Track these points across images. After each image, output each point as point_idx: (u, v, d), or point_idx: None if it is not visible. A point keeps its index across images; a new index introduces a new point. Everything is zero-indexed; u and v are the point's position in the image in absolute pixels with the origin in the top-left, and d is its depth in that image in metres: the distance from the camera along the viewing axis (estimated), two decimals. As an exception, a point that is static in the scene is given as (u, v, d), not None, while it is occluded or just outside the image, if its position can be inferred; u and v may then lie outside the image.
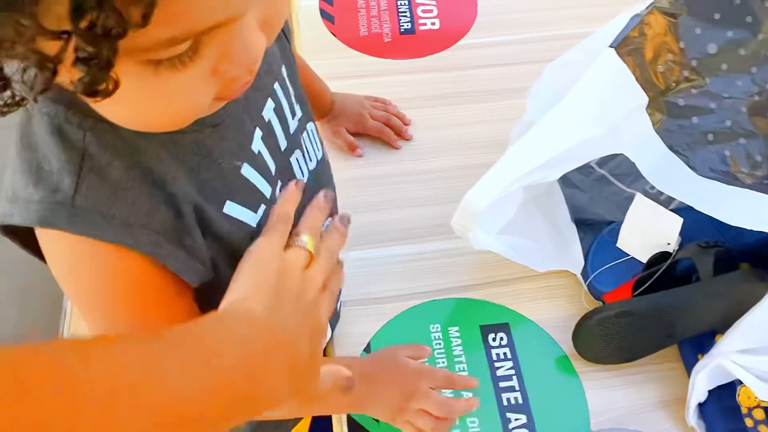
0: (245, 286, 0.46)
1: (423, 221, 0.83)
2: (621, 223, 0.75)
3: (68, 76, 0.32)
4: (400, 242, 0.81)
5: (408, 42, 1.00)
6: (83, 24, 0.29)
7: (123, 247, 0.44)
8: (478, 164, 0.85)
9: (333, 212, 0.69)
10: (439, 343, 0.73)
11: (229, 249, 0.52)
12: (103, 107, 0.38)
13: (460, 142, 0.90)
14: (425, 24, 1.02)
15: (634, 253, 0.73)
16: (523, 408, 0.69)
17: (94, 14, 0.29)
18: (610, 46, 0.65)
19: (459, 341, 0.73)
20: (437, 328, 0.74)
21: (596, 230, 0.79)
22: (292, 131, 0.59)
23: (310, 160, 0.62)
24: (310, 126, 0.63)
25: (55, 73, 0.31)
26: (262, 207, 0.54)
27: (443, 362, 0.71)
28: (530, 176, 0.64)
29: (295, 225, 0.52)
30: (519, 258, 0.72)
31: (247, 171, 0.52)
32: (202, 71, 0.38)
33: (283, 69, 0.59)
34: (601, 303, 0.73)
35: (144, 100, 0.38)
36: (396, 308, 0.75)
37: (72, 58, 0.30)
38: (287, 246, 0.51)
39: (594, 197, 0.81)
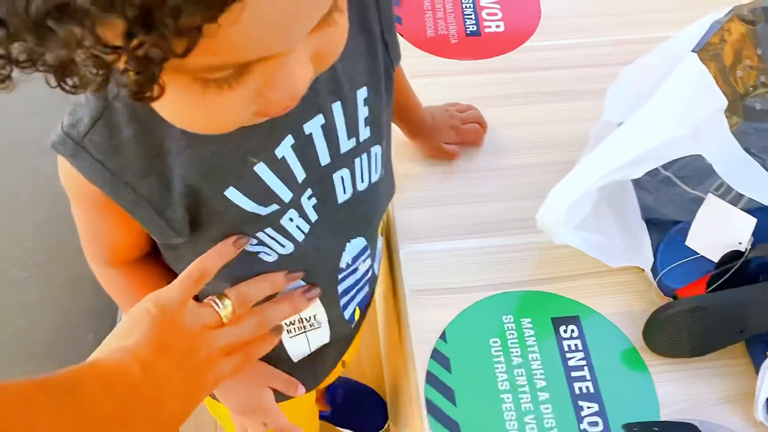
0: (133, 329, 0.51)
1: (491, 216, 0.85)
2: (688, 222, 0.77)
3: (119, 80, 0.35)
4: (474, 235, 0.83)
5: (474, 43, 1.03)
6: (133, 45, 0.32)
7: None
8: (544, 162, 0.89)
9: (379, 214, 0.70)
10: (513, 333, 0.75)
11: (230, 224, 0.56)
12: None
13: (526, 141, 0.92)
14: (490, 26, 1.05)
15: (704, 251, 0.75)
16: (595, 397, 0.71)
17: (143, 39, 0.31)
18: (693, 51, 0.67)
19: (531, 332, 0.76)
20: (510, 318, 0.77)
21: (662, 229, 0.81)
22: (343, 151, 0.59)
23: (362, 182, 0.63)
24: (375, 149, 0.63)
25: (108, 77, 0.34)
26: (275, 206, 0.57)
27: (516, 351, 0.74)
28: (614, 174, 0.67)
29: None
30: (594, 252, 0.75)
31: (262, 170, 0.54)
32: (246, 93, 0.40)
33: (364, 90, 0.59)
34: (671, 299, 0.76)
35: (189, 110, 0.41)
36: (470, 298, 0.78)
37: (122, 68, 0.33)
38: (204, 303, 0.56)
39: (659, 198, 0.83)
